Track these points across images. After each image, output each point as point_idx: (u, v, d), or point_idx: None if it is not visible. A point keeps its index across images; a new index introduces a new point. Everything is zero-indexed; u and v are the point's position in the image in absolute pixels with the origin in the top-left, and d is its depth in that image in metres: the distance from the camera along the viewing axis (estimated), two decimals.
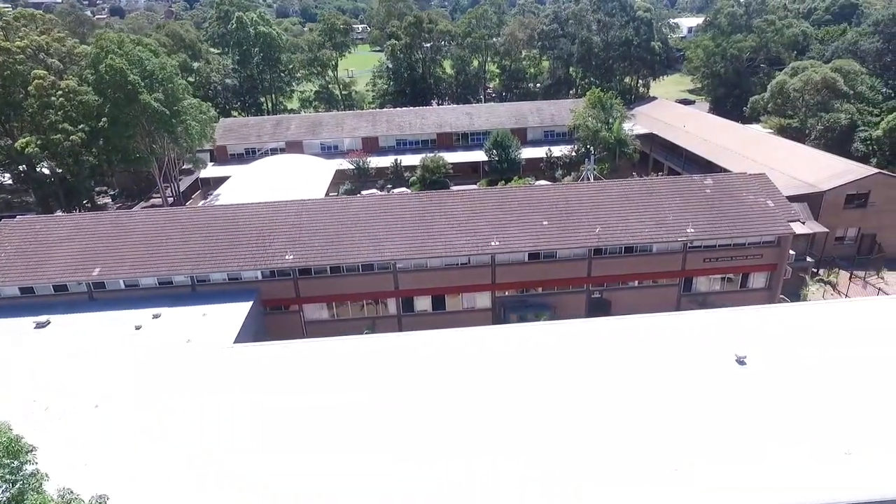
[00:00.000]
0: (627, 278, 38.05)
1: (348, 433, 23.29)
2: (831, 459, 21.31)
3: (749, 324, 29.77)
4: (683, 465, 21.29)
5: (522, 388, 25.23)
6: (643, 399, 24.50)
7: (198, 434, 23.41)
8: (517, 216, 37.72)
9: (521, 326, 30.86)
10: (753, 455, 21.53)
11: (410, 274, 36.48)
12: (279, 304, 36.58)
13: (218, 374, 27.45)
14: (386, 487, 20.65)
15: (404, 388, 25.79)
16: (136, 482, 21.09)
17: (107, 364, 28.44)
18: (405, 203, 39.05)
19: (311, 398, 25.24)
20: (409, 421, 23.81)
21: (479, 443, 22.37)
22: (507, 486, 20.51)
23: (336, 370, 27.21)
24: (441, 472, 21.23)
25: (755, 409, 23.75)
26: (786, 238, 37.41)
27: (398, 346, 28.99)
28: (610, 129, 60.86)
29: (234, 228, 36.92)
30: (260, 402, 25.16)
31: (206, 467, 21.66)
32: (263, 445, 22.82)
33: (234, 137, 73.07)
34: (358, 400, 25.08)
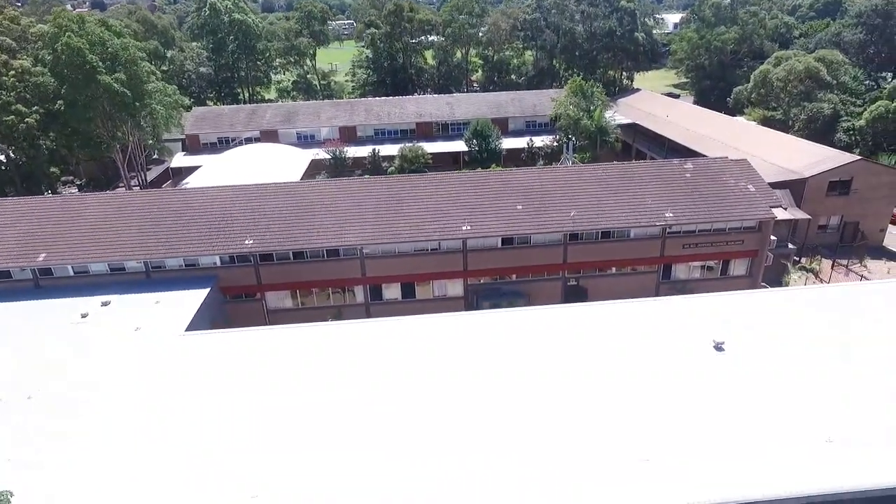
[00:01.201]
0: (604, 265, 36.67)
1: (302, 423, 21.68)
2: (812, 448, 20.10)
3: (727, 309, 28.53)
4: (655, 454, 19.93)
5: (493, 374, 23.85)
6: (616, 386, 23.23)
7: (134, 428, 21.62)
8: (490, 200, 36.19)
9: (494, 312, 29.33)
10: (731, 444, 20.28)
11: (378, 260, 34.81)
12: (240, 291, 34.74)
13: (165, 363, 25.64)
14: (347, 476, 19.07)
15: (366, 376, 24.17)
16: (58, 477, 19.28)
17: (45, 353, 26.52)
18: (373, 187, 37.37)
19: (266, 387, 23.60)
20: (372, 410, 22.23)
21: (449, 431, 20.98)
22: (475, 474, 19.16)
23: (292, 358, 25.52)
24: (409, 461, 19.70)
25: (733, 397, 22.53)
26: (767, 223, 36.25)
27: (358, 333, 27.35)
28: (591, 117, 59.56)
29: (191, 213, 35.01)
30: (208, 392, 23.45)
31: (132, 460, 19.92)
32: (205, 437, 21.13)
33: (206, 126, 70.75)
34: (315, 387, 23.49)
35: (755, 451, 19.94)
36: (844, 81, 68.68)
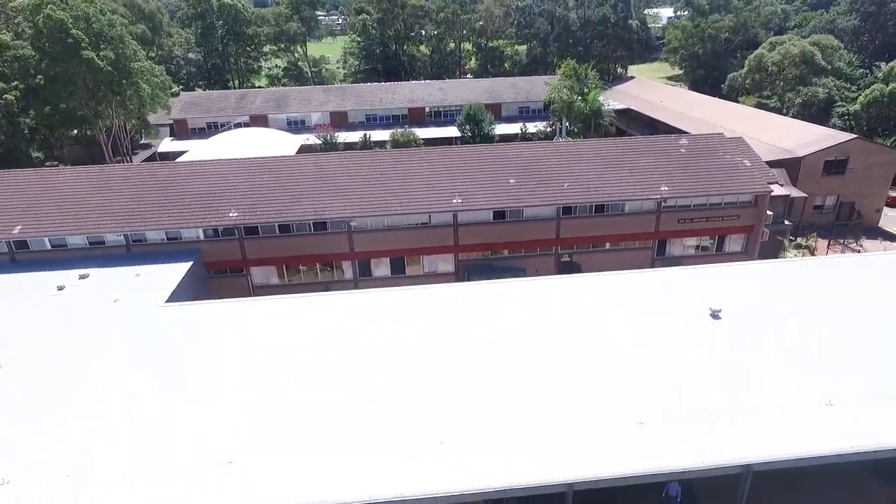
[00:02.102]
0: (598, 240, 35.93)
1: (282, 390, 20.87)
2: (813, 410, 19.44)
3: (723, 279, 27.91)
4: (649, 418, 19.22)
5: (489, 343, 23.06)
6: (612, 351, 22.52)
7: (109, 396, 20.71)
8: (482, 174, 35.37)
9: (486, 283, 28.52)
10: (731, 407, 19.60)
11: (367, 234, 33.91)
12: (224, 266, 33.76)
13: (143, 332, 24.68)
14: (325, 444, 18.29)
15: (349, 345, 23.34)
16: (29, 447, 18.33)
17: (17, 324, 25.49)
18: (361, 161, 36.46)
19: (246, 356, 22.73)
20: (354, 378, 21.44)
21: (436, 399, 20.25)
22: (475, 436, 18.55)
23: (274, 327, 24.63)
24: (391, 430, 18.94)
25: (731, 362, 21.88)
26: (763, 197, 35.61)
27: (342, 303, 26.50)
28: (585, 99, 58.83)
29: (174, 186, 33.98)
30: (187, 361, 22.53)
31: (106, 428, 19.02)
32: (181, 404, 20.25)
33: (195, 111, 69.57)
34: (295, 356, 22.64)
35: (756, 413, 19.31)
36: (839, 67, 68.28)
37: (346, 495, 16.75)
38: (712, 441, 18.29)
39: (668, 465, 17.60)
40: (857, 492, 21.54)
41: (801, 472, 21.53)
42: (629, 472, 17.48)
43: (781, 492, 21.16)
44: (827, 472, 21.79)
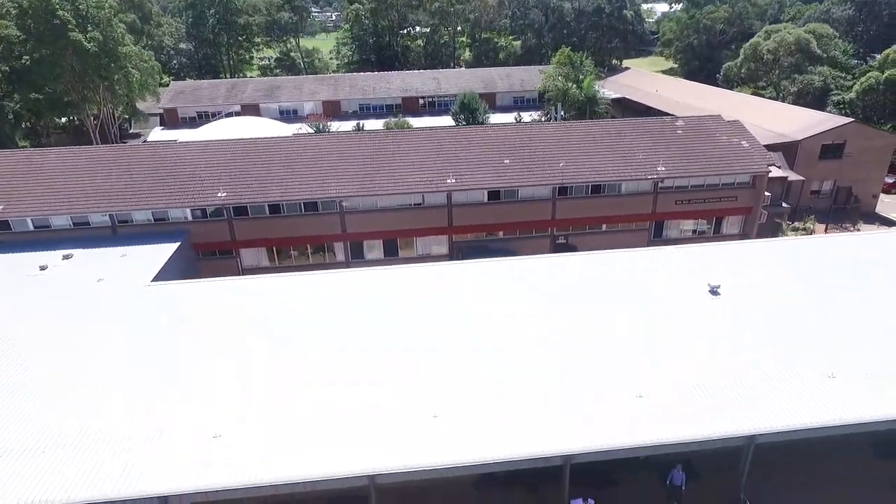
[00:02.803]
0: (594, 221, 35.38)
1: (268, 367, 20.28)
2: (815, 383, 18.99)
3: (722, 257, 27.47)
4: (648, 391, 18.71)
5: (484, 318, 22.55)
6: (611, 327, 22.05)
7: (93, 372, 20.02)
8: (476, 154, 34.76)
9: (482, 261, 27.94)
10: (734, 381, 19.17)
11: (359, 215, 33.25)
12: (213, 248, 33.02)
13: (128, 310, 23.94)
14: (310, 418, 17.71)
15: (335, 323, 22.73)
16: (9, 426, 17.65)
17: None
18: (353, 141, 35.80)
19: (232, 333, 22.08)
20: (341, 356, 20.87)
21: (438, 373, 19.75)
22: (469, 410, 18.08)
23: (261, 305, 23.94)
24: (379, 405, 18.37)
25: (731, 337, 21.44)
26: (761, 178, 35.16)
27: (330, 282, 25.87)
28: (580, 87, 58.26)
29: (161, 166, 33.21)
30: (173, 338, 21.83)
31: (87, 404, 18.35)
32: (167, 380, 19.60)
33: (185, 100, 68.46)
34: (280, 333, 22.05)
35: (757, 386, 18.84)
36: (834, 55, 68.03)
37: (339, 468, 16.17)
38: (713, 413, 17.82)
39: (668, 437, 17.11)
40: (858, 469, 21.10)
41: (802, 448, 21.15)
42: (627, 443, 16.96)
43: (783, 471, 20.71)
44: (828, 449, 21.41)
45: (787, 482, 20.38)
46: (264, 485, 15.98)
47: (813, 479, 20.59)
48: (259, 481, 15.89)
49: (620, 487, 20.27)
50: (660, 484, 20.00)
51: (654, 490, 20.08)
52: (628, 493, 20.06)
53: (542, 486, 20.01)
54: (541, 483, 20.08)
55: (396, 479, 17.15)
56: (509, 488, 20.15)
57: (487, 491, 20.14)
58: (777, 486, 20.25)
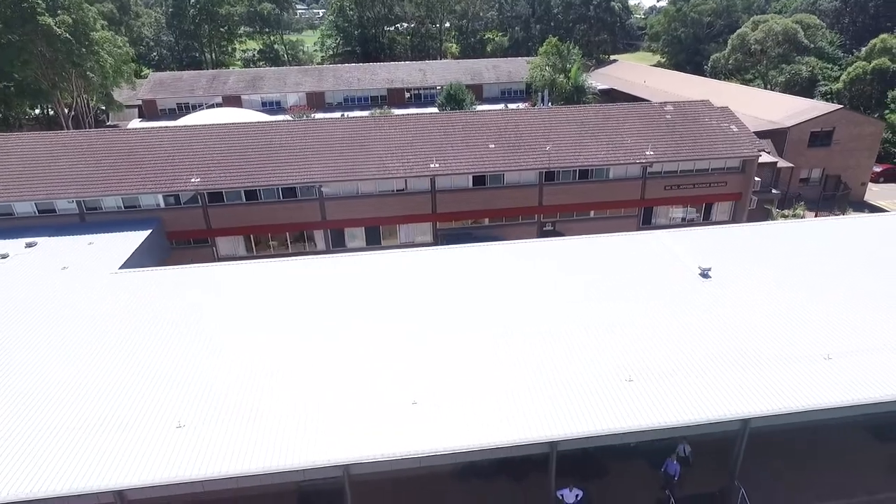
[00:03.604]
0: (582, 208, 34.52)
1: (234, 355, 19.17)
2: (811, 365, 18.20)
3: (711, 240, 26.72)
4: (638, 375, 17.83)
5: (467, 303, 21.58)
6: (598, 311, 21.11)
7: (54, 360, 18.79)
8: (461, 139, 33.76)
9: (467, 246, 26.96)
10: (723, 363, 18.33)
11: (339, 202, 32.11)
12: (187, 236, 31.73)
13: (92, 298, 22.66)
14: (277, 409, 16.64)
15: (305, 311, 21.67)
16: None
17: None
18: (334, 127, 34.63)
19: (199, 321, 20.93)
20: (310, 344, 19.82)
21: (418, 358, 18.82)
22: (450, 396, 17.13)
23: (230, 292, 22.81)
24: (372, 393, 17.34)
25: (722, 319, 20.60)
26: (751, 162, 34.50)
27: (303, 269, 24.79)
28: (567, 76, 57.47)
29: (132, 152, 31.85)
30: (138, 326, 20.63)
31: (49, 393, 17.15)
32: (129, 369, 18.43)
33: (164, 91, 66.89)
34: (248, 321, 20.96)
35: (750, 369, 18.01)
36: (821, 46, 67.86)
37: (309, 459, 15.10)
38: (706, 396, 16.96)
39: (658, 421, 16.20)
40: (856, 452, 20.43)
41: (799, 433, 20.44)
42: (616, 428, 16.04)
43: (779, 456, 19.99)
44: (825, 433, 20.73)
45: (781, 468, 19.65)
46: (229, 477, 14.89)
47: (808, 465, 19.88)
48: (223, 473, 14.79)
49: (611, 478, 19.44)
50: (652, 473, 19.19)
51: (645, 480, 19.25)
52: (619, 484, 19.22)
53: (528, 476, 19.11)
54: (526, 473, 19.18)
55: (373, 469, 16.14)
56: (493, 480, 19.22)
57: (470, 483, 19.19)
58: (771, 472, 19.52)
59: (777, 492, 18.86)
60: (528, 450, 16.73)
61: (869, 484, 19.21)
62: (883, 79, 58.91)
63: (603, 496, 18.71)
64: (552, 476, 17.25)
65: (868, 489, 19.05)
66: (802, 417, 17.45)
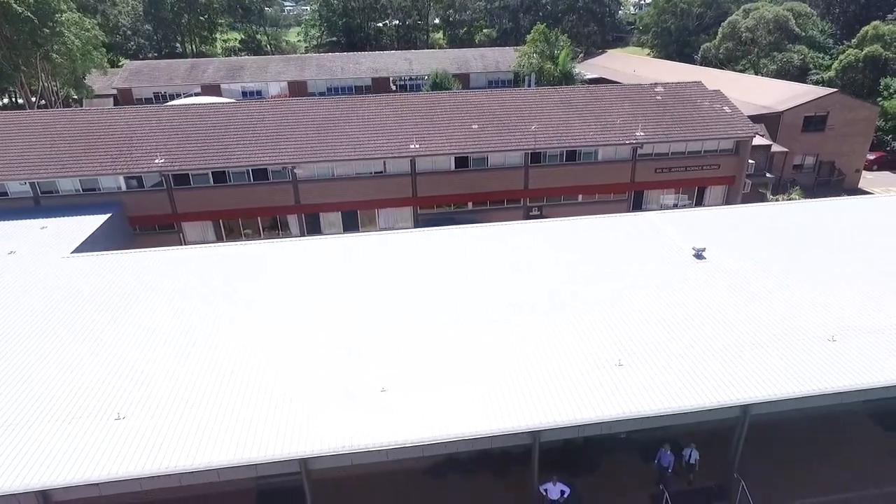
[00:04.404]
0: (569, 191, 33.01)
1: (182, 343, 17.48)
2: (815, 347, 16.78)
3: (705, 221, 25.31)
4: (629, 359, 16.31)
5: (445, 286, 20.04)
6: (586, 294, 19.60)
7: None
8: (443, 120, 32.14)
9: (448, 228, 25.35)
10: (721, 346, 16.86)
11: (314, 185, 30.38)
12: (151, 222, 29.84)
13: (37, 284, 20.80)
14: (221, 399, 14.95)
15: (261, 297, 19.99)
16: None
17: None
18: (308, 106, 32.88)
19: (150, 307, 19.16)
20: (261, 332, 18.17)
21: (393, 342, 17.30)
22: (423, 384, 15.56)
23: (196, 277, 21.03)
24: (335, 380, 15.70)
25: (718, 301, 19.15)
26: (745, 144, 33.14)
27: (267, 252, 23.08)
28: (555, 62, 55.99)
29: (91, 132, 29.90)
30: (86, 312, 18.84)
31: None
32: (71, 357, 16.66)
33: (141, 80, 64.66)
34: (199, 308, 19.24)
35: (750, 352, 16.54)
36: (813, 35, 66.91)
37: (262, 453, 13.41)
38: (703, 381, 15.47)
39: (651, 408, 14.68)
40: (862, 443, 19.07)
41: (801, 423, 19.06)
42: (604, 416, 14.49)
43: (780, 447, 18.57)
44: (828, 423, 19.36)
45: (783, 460, 18.22)
46: (169, 474, 13.18)
47: (811, 457, 18.46)
48: (163, 469, 13.07)
49: (600, 472, 17.94)
50: (643, 467, 17.71)
51: (637, 474, 17.76)
52: (609, 479, 17.71)
53: (510, 472, 17.57)
54: (507, 468, 17.64)
55: (335, 464, 14.51)
56: (471, 475, 17.65)
57: (445, 479, 17.61)
58: (772, 464, 18.09)
59: (778, 486, 17.43)
60: (509, 441, 15.20)
61: (876, 477, 17.83)
62: (875, 66, 57.97)
63: (592, 492, 17.20)
64: (535, 469, 15.72)
65: (875, 482, 17.66)
66: (806, 403, 16.05)
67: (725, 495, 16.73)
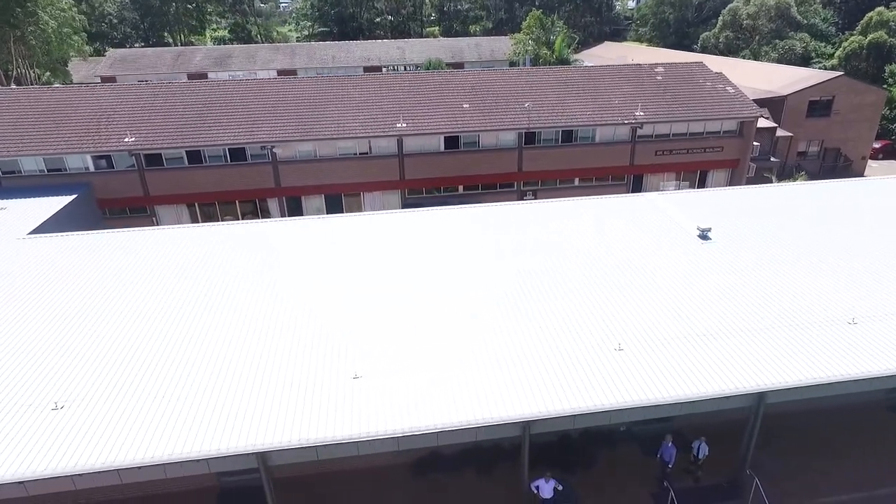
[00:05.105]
0: (565, 174, 31.38)
1: (130, 329, 15.84)
2: (834, 330, 15.21)
3: (710, 202, 23.76)
4: (629, 343, 14.73)
5: (434, 268, 18.41)
6: (586, 276, 17.98)
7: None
8: (431, 99, 30.50)
9: (437, 209, 23.72)
10: (730, 330, 15.29)
11: (296, 166, 28.71)
12: (122, 204, 28.14)
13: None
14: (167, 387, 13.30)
15: (242, 278, 18.37)
16: None
17: None
18: (290, 86, 31.21)
19: (102, 291, 17.52)
20: (218, 318, 16.53)
21: (368, 324, 15.72)
22: (399, 370, 13.96)
23: (160, 259, 19.37)
24: (303, 367, 14.07)
25: (725, 283, 17.57)
26: (750, 125, 31.59)
27: (234, 234, 21.46)
28: (551, 49, 54.38)
29: (57, 110, 28.19)
30: (31, 298, 17.17)
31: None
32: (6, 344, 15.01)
33: (125, 68, 62.85)
34: (181, 292, 17.57)
35: (761, 336, 14.96)
36: (814, 23, 65.44)
37: (220, 445, 11.78)
38: (712, 367, 13.88)
39: (652, 397, 13.09)
40: (881, 436, 17.50)
41: (816, 416, 17.45)
42: (601, 405, 12.89)
43: (793, 440, 16.98)
44: (846, 416, 17.76)
45: (796, 455, 16.61)
46: (113, 469, 11.52)
47: (828, 452, 16.88)
48: (101, 465, 11.42)
49: (598, 467, 16.34)
50: (645, 462, 16.11)
51: (637, 470, 16.16)
52: (607, 475, 16.10)
53: (498, 468, 15.96)
54: (496, 464, 16.03)
55: (298, 459, 12.91)
56: (455, 473, 16.02)
57: (426, 477, 15.97)
58: (785, 460, 16.49)
59: (795, 483, 15.83)
60: (497, 433, 13.63)
61: None
62: (880, 54, 56.46)
63: (588, 490, 15.60)
64: (525, 465, 14.11)
65: None
66: (826, 391, 14.51)
67: (738, 493, 15.14)
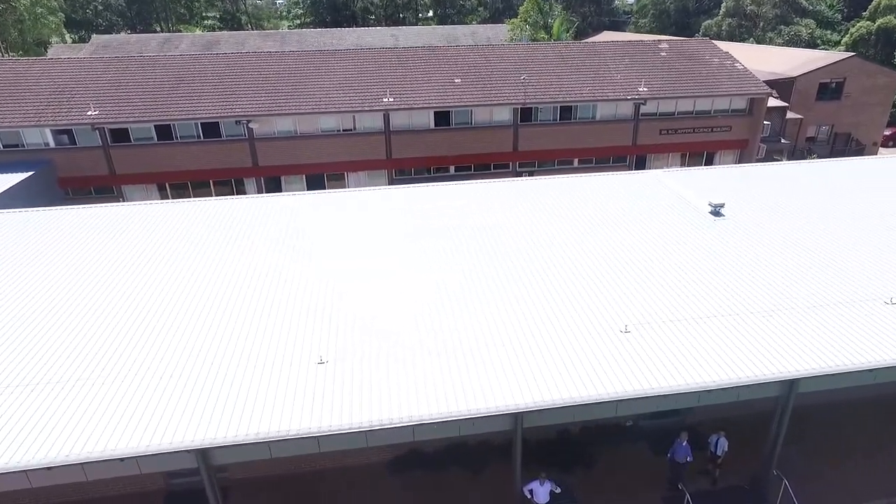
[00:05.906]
0: (564, 154, 29.44)
1: (95, 306, 13.89)
2: (869, 310, 13.31)
3: (721, 178, 21.83)
4: (636, 325, 12.82)
5: (430, 243, 16.50)
6: (588, 254, 16.09)
7: None
8: (420, 73, 28.57)
9: (429, 185, 21.73)
10: (750, 311, 13.40)
11: (274, 143, 26.73)
12: (86, 184, 26.14)
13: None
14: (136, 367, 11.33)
15: (204, 256, 16.44)
16: None
17: None
18: (271, 60, 29.21)
19: (71, 269, 15.59)
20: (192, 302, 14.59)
21: (339, 302, 13.87)
22: (383, 356, 12.11)
23: (119, 236, 17.43)
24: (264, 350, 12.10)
25: (741, 261, 15.67)
26: (760, 103, 29.69)
27: (201, 211, 19.48)
28: (549, 32, 52.43)
29: (15, 83, 26.16)
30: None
31: None
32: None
33: (110, 55, 60.74)
34: (139, 269, 15.64)
35: (791, 317, 13.06)
36: (820, 10, 63.66)
37: (152, 441, 9.84)
38: (731, 351, 11.97)
39: (663, 385, 11.18)
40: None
41: (844, 410, 15.49)
42: (605, 395, 10.97)
43: (821, 437, 15.01)
44: (881, 403, 15.82)
45: (826, 452, 14.66)
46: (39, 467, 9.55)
47: (861, 451, 14.94)
48: (32, 462, 9.45)
49: (600, 468, 14.37)
50: (654, 462, 14.15)
51: (646, 470, 14.20)
52: (611, 476, 14.12)
53: (487, 467, 13.98)
54: (485, 464, 14.04)
55: (247, 457, 10.96)
56: (438, 473, 14.03)
57: (403, 476, 13.97)
58: (812, 460, 14.55)
59: (820, 484, 13.90)
60: (485, 426, 11.75)
61: None
62: (889, 40, 54.61)
63: (589, 493, 13.65)
64: (517, 464, 12.17)
65: None
66: (862, 379, 12.59)
67: (762, 496, 13.19)
